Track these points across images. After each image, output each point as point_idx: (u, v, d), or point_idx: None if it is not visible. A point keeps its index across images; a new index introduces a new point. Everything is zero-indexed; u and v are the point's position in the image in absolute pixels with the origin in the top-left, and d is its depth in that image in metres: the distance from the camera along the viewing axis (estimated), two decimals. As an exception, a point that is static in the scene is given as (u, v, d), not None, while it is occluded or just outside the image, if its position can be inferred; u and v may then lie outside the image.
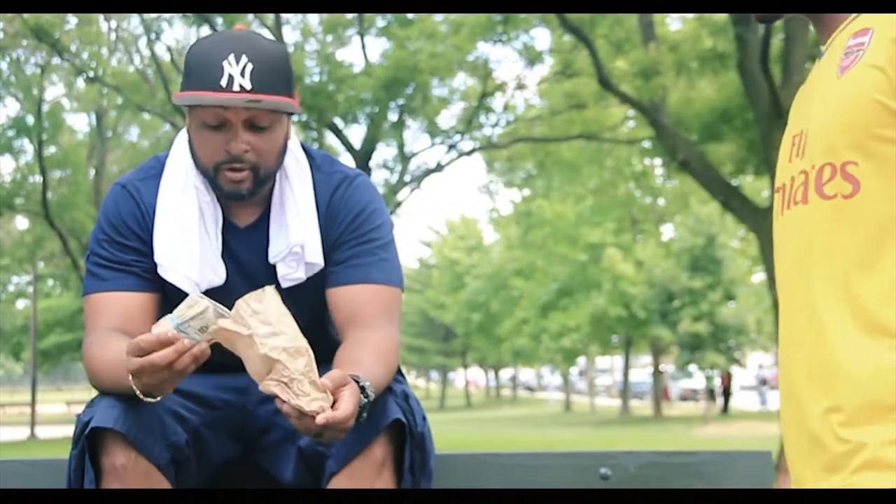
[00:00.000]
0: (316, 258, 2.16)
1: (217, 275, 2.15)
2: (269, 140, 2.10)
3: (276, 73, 2.07)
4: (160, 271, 2.14)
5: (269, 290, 1.81)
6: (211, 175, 2.11)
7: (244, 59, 2.04)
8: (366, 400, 1.85)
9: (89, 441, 1.97)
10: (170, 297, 2.16)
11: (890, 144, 1.42)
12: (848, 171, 1.44)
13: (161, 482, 1.99)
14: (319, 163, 2.26)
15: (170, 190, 2.18)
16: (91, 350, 2.08)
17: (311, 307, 2.19)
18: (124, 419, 1.95)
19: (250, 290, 2.16)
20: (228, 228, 2.20)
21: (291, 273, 2.16)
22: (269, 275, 2.17)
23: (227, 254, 2.19)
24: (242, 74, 2.03)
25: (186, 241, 2.13)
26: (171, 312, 2.13)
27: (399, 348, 2.14)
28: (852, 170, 1.43)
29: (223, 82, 2.02)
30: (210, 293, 2.13)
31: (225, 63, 2.03)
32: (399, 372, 2.23)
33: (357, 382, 1.85)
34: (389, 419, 1.98)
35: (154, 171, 2.23)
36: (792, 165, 1.56)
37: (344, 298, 2.15)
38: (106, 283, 2.15)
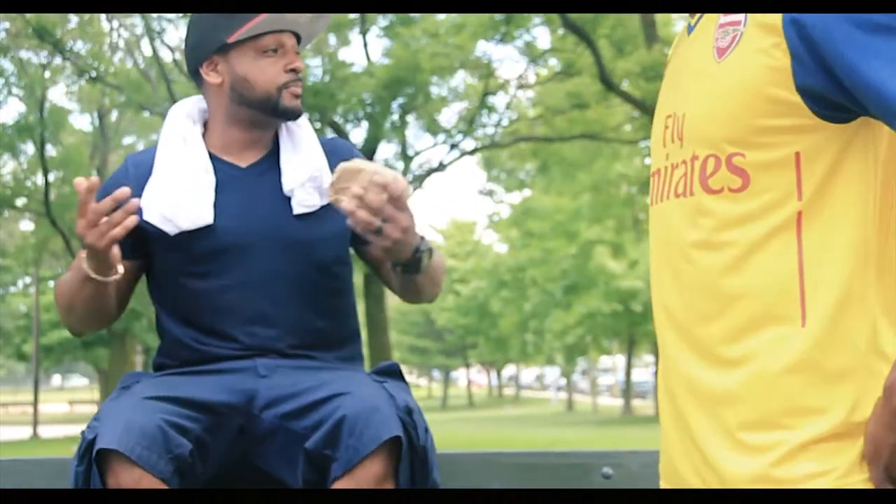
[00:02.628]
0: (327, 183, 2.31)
1: (205, 213, 2.23)
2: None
3: None
4: (144, 216, 2.22)
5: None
6: (274, 98, 2.26)
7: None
8: (424, 249, 2.13)
9: (93, 459, 1.98)
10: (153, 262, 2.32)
11: (778, 135, 1.35)
12: (735, 164, 1.37)
13: None
14: None
15: (161, 148, 2.31)
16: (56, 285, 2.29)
17: (321, 240, 2.28)
18: (127, 438, 1.96)
19: (260, 224, 2.26)
20: (233, 169, 2.30)
21: (307, 199, 2.27)
22: (278, 204, 2.27)
23: (234, 192, 2.28)
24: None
25: (168, 184, 2.25)
26: (147, 279, 2.36)
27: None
28: (739, 162, 1.37)
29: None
30: (206, 230, 2.24)
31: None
32: (402, 378, 2.28)
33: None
34: (392, 434, 2.00)
35: (154, 145, 2.37)
36: (668, 151, 1.49)
37: None
38: None
